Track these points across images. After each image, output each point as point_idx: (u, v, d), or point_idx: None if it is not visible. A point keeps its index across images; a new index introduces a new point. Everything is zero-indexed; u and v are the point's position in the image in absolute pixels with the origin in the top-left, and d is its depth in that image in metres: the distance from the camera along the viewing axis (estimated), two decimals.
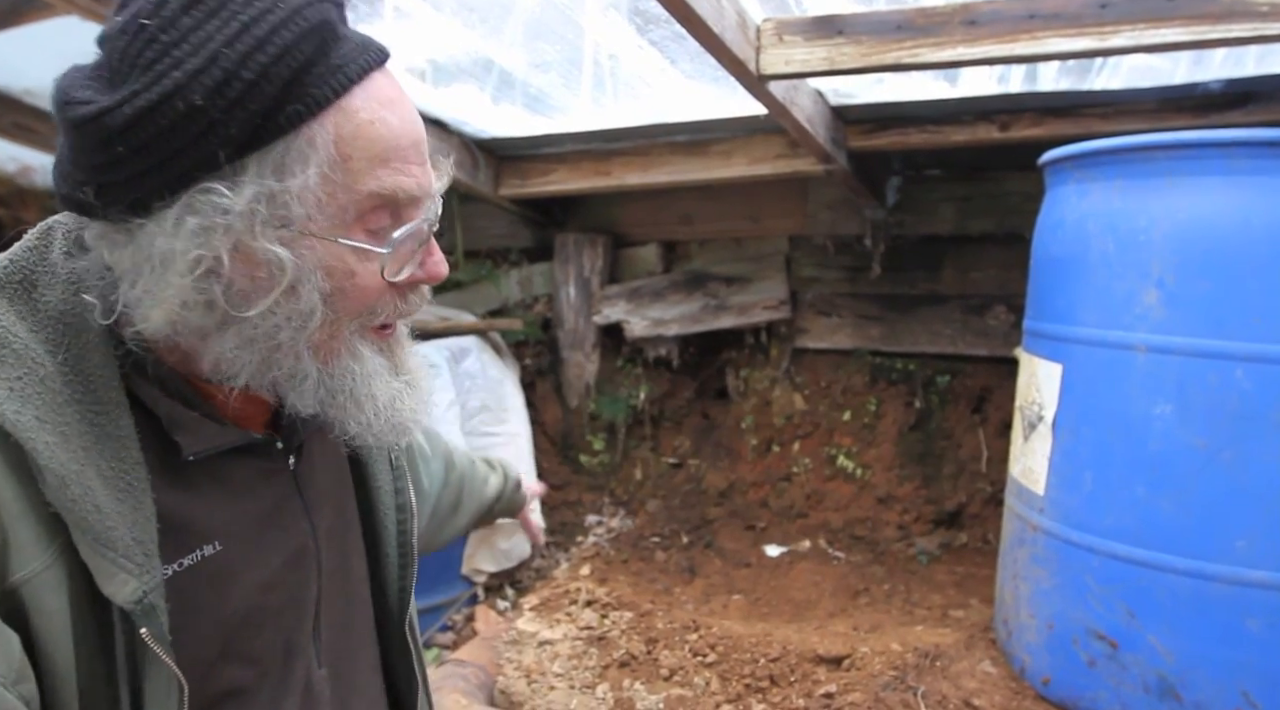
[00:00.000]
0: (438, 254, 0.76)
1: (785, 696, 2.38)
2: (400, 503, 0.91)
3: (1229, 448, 1.96)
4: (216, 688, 0.74)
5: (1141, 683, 2.10)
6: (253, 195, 0.64)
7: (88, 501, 0.63)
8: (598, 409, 4.13)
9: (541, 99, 3.14)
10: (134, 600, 0.64)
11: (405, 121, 0.70)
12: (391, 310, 0.75)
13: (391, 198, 0.69)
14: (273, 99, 0.63)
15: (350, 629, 0.88)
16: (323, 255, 0.68)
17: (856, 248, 3.72)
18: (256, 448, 0.79)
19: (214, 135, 0.63)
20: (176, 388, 0.72)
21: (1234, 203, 1.97)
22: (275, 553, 0.79)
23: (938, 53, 2.12)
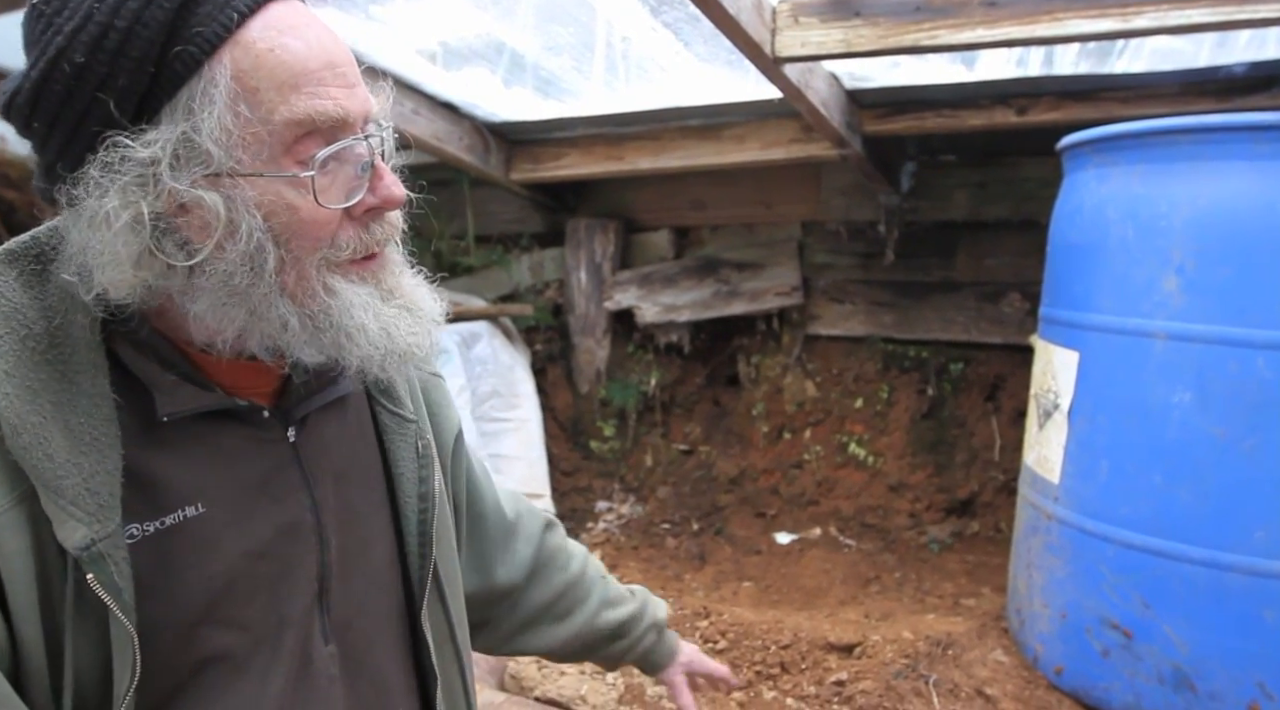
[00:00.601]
0: (388, 177, 0.73)
1: (796, 684, 2.38)
2: (423, 492, 0.90)
3: (1249, 437, 1.93)
4: (203, 649, 0.75)
5: (1156, 673, 2.08)
6: (163, 143, 0.65)
7: (39, 450, 0.66)
8: (608, 395, 4.12)
9: (553, 82, 3.12)
10: (81, 546, 0.66)
11: (312, 45, 0.68)
12: (357, 242, 0.73)
13: (309, 122, 0.67)
14: (155, 44, 0.64)
15: (369, 612, 0.87)
16: (254, 193, 0.67)
17: (870, 234, 3.69)
18: (245, 415, 0.78)
19: (106, 89, 0.64)
20: (163, 353, 0.74)
21: (1257, 187, 1.93)
22: (266, 522, 0.78)
23: (957, 35, 2.09)
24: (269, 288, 0.69)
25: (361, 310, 0.73)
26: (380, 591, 0.89)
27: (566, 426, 4.17)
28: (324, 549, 0.82)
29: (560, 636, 1.22)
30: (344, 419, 0.87)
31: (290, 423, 0.81)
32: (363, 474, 0.88)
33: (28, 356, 0.68)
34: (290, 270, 0.70)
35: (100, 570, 0.67)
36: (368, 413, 0.90)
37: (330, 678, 0.83)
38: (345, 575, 0.85)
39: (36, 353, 0.69)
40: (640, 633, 1.29)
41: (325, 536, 0.83)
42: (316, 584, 0.82)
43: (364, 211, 0.73)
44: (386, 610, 0.89)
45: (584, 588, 1.24)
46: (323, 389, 0.83)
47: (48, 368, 0.69)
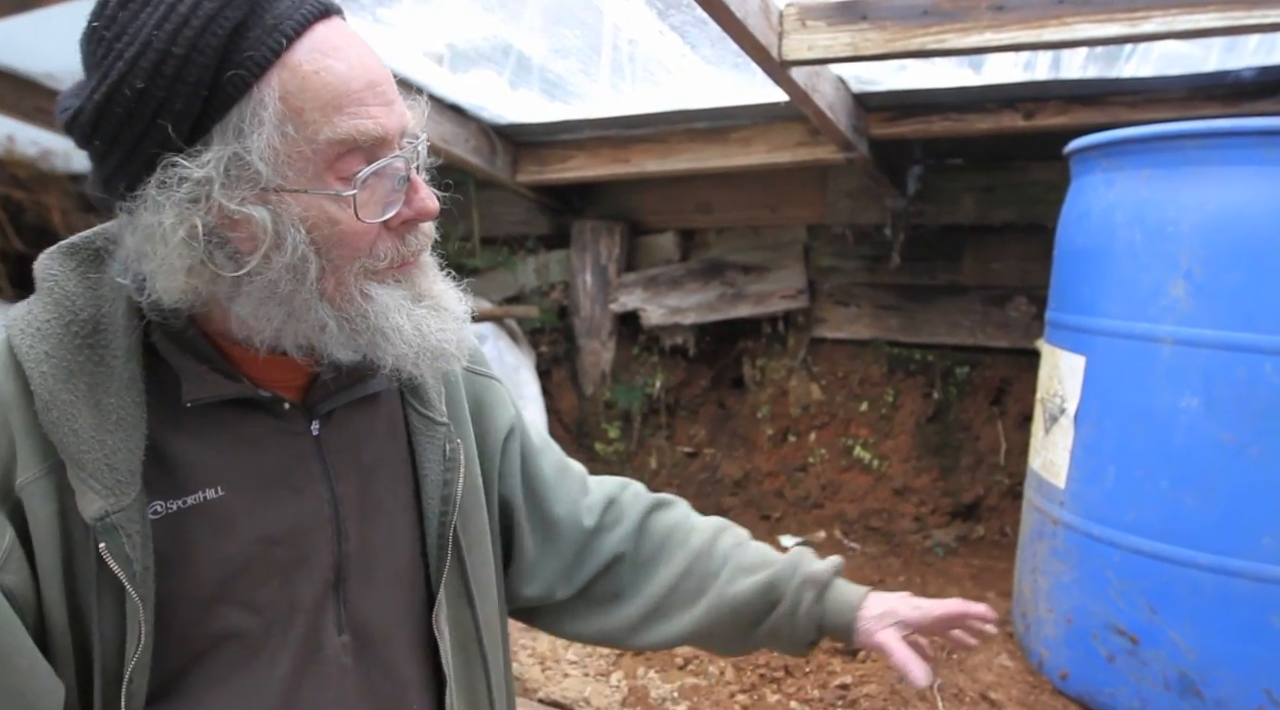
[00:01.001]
0: (423, 190, 0.77)
1: (800, 687, 2.38)
2: (445, 494, 0.91)
3: (1256, 442, 1.93)
4: (217, 626, 0.78)
5: (1162, 679, 2.08)
6: (215, 163, 0.69)
7: (66, 425, 0.72)
8: (613, 397, 4.12)
9: (560, 84, 3.12)
10: (96, 517, 0.71)
11: (354, 66, 0.73)
12: (394, 252, 0.77)
13: (352, 142, 0.72)
14: (210, 69, 0.68)
15: (388, 607, 0.89)
16: (299, 208, 0.72)
17: (876, 237, 3.68)
18: (268, 406, 0.82)
19: (164, 113, 0.68)
20: (197, 345, 0.78)
21: (1266, 193, 1.93)
22: (283, 510, 0.81)
23: (964, 38, 2.09)
24: (310, 294, 0.74)
25: (396, 312, 0.77)
26: (401, 588, 0.90)
27: (571, 428, 4.17)
28: (342, 541, 0.85)
29: (694, 621, 1.05)
30: (374, 417, 0.90)
31: (314, 416, 0.84)
32: (391, 472, 0.90)
33: (70, 340, 0.75)
34: (330, 277, 0.75)
35: (112, 541, 0.72)
36: (400, 413, 0.92)
37: (342, 667, 0.85)
38: (366, 569, 0.87)
39: (79, 337, 0.75)
40: (792, 594, 1.04)
41: (344, 529, 0.85)
42: (332, 573, 0.84)
43: (400, 223, 0.77)
44: (407, 608, 0.91)
45: (714, 560, 1.07)
46: (350, 386, 0.86)
47: (88, 351, 0.75)
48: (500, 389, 1.05)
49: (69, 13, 2.70)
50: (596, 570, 1.08)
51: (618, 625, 1.09)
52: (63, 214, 4.80)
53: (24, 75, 3.40)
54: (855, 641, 1.04)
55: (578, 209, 4.17)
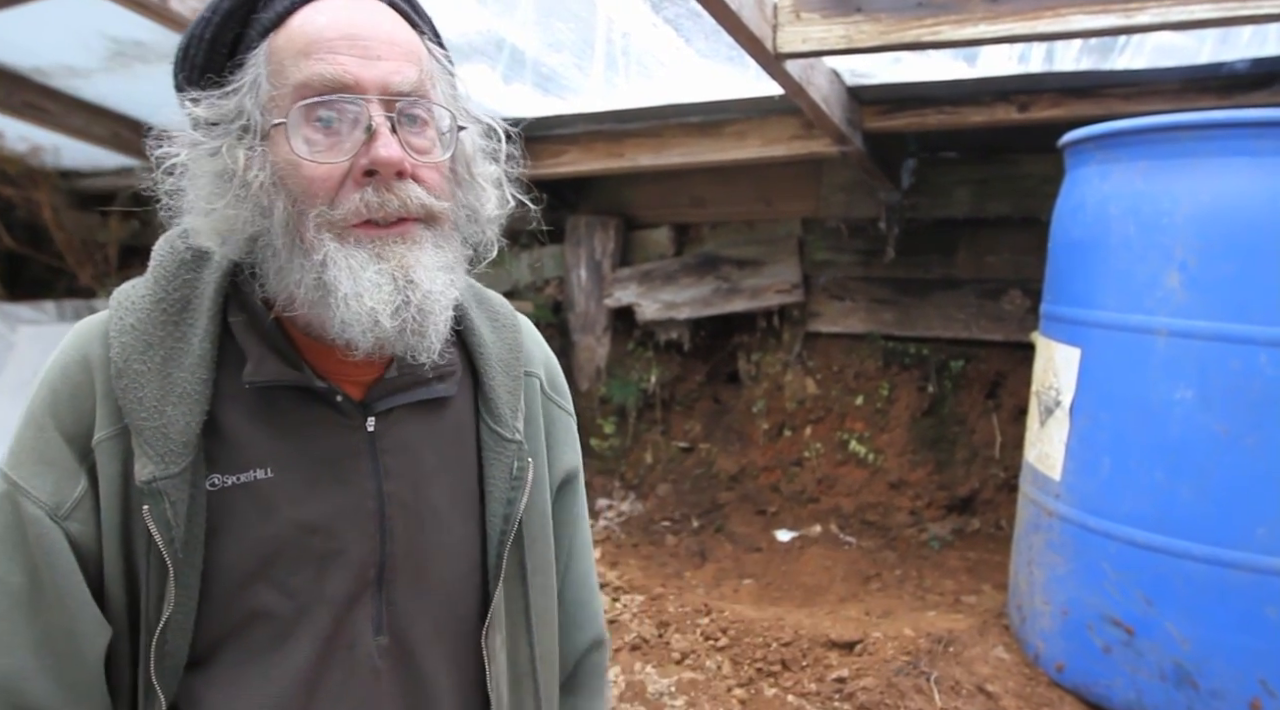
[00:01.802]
0: (383, 138, 0.76)
1: (797, 680, 2.38)
2: (507, 513, 0.90)
3: (1251, 433, 1.93)
4: (252, 603, 0.80)
5: (1158, 670, 2.08)
6: (224, 111, 0.78)
7: (133, 393, 0.77)
8: (608, 392, 4.12)
9: (553, 79, 3.11)
10: (144, 480, 0.75)
11: (338, 20, 0.77)
12: (357, 206, 0.76)
13: (310, 83, 0.75)
14: (226, 28, 0.78)
15: (434, 619, 0.87)
16: (271, 152, 0.77)
17: (870, 231, 3.68)
18: (324, 396, 0.83)
19: (194, 68, 0.79)
20: (268, 332, 0.82)
21: (1260, 184, 1.93)
22: (326, 499, 0.82)
23: (959, 30, 2.08)
24: (287, 240, 0.77)
25: (344, 271, 0.76)
26: (452, 602, 0.89)
27: None
28: (386, 540, 0.84)
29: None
30: (440, 423, 0.89)
31: (370, 413, 0.85)
32: (452, 480, 0.89)
33: (158, 316, 0.81)
34: (300, 226, 0.77)
35: (155, 505, 0.76)
36: (472, 425, 0.92)
37: (375, 670, 0.84)
38: (415, 573, 0.86)
39: (166, 314, 0.81)
40: None
41: (389, 528, 0.84)
42: (373, 571, 0.84)
43: (362, 174, 0.77)
44: (457, 623, 0.89)
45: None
46: (412, 388, 0.87)
47: (171, 327, 0.81)
48: (573, 426, 1.04)
49: (58, 9, 2.68)
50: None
51: None
52: (53, 211, 4.77)
53: (12, 70, 3.37)
54: None
55: (572, 204, 4.15)
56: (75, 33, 2.97)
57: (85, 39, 3.01)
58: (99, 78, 3.39)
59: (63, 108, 3.61)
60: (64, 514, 0.77)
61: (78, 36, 3.00)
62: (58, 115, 3.62)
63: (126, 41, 2.98)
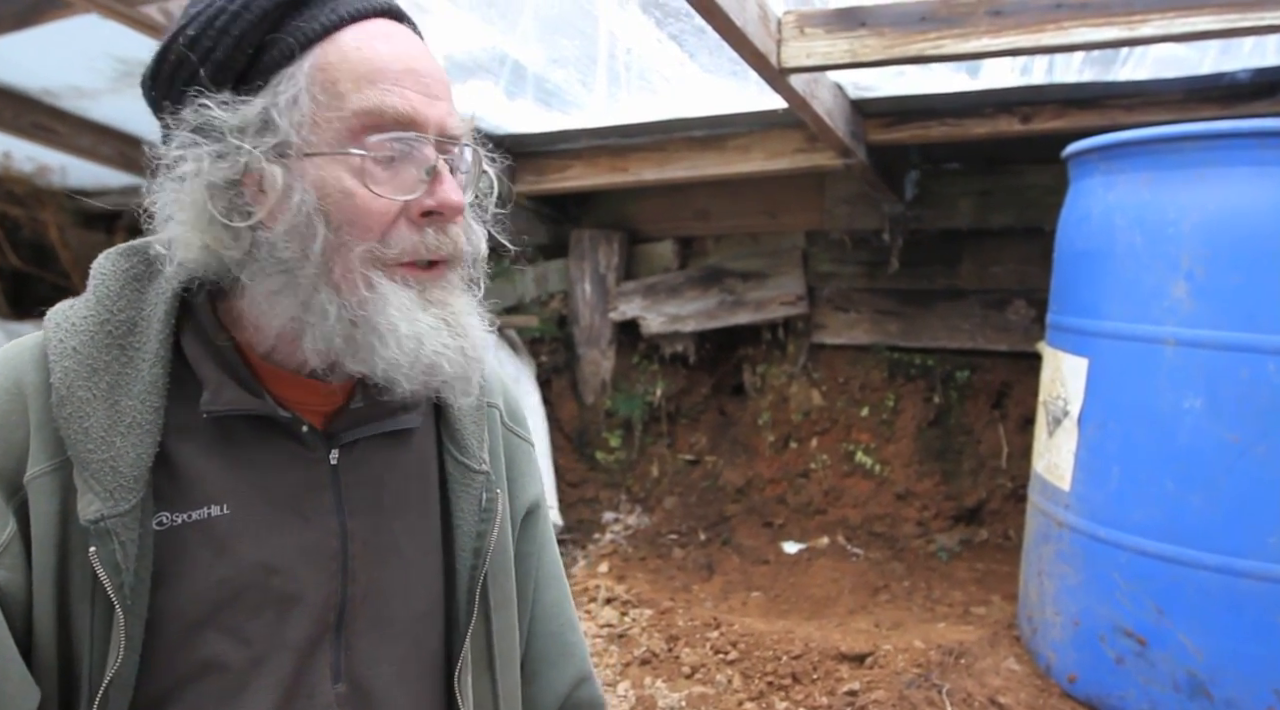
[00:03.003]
0: (448, 182, 0.75)
1: (808, 694, 2.37)
2: (478, 547, 0.85)
3: (1261, 442, 1.93)
4: (204, 652, 0.74)
5: (1171, 680, 2.07)
6: (246, 116, 0.71)
7: (77, 423, 0.70)
8: (614, 406, 4.12)
9: (557, 94, 3.13)
10: (91, 519, 0.69)
11: (399, 52, 0.73)
12: (409, 245, 0.74)
13: (377, 112, 0.71)
14: (258, 28, 0.71)
15: (396, 661, 0.82)
16: (316, 173, 0.71)
17: (874, 243, 3.69)
18: (286, 427, 0.78)
19: (208, 62, 0.71)
20: (226, 355, 0.77)
21: (1265, 193, 1.94)
22: (286, 538, 0.77)
23: (962, 44, 2.09)
24: (315, 270, 0.72)
25: (396, 311, 0.73)
26: (413, 642, 0.84)
27: (572, 438, 4.16)
28: (348, 580, 0.79)
29: None
30: (403, 455, 0.85)
31: (334, 445, 0.80)
32: (416, 516, 0.85)
33: (102, 339, 0.74)
34: (337, 258, 0.72)
35: (103, 546, 0.69)
36: (434, 458, 0.87)
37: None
38: (373, 615, 0.81)
39: (111, 336, 0.75)
40: None
41: (351, 568, 0.79)
42: (332, 615, 0.79)
43: (420, 214, 0.74)
44: (418, 665, 0.84)
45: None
46: (378, 419, 0.82)
47: (117, 351, 0.74)
48: (534, 455, 1.00)
49: (66, 30, 2.70)
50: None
51: None
52: (60, 231, 4.79)
53: (21, 92, 3.39)
54: None
55: (576, 218, 4.17)
56: (83, 54, 2.99)
57: (92, 60, 3.04)
58: (106, 98, 3.41)
59: (71, 128, 3.64)
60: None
61: (85, 58, 3.02)
62: (66, 136, 3.64)
63: (133, 62, 3.01)
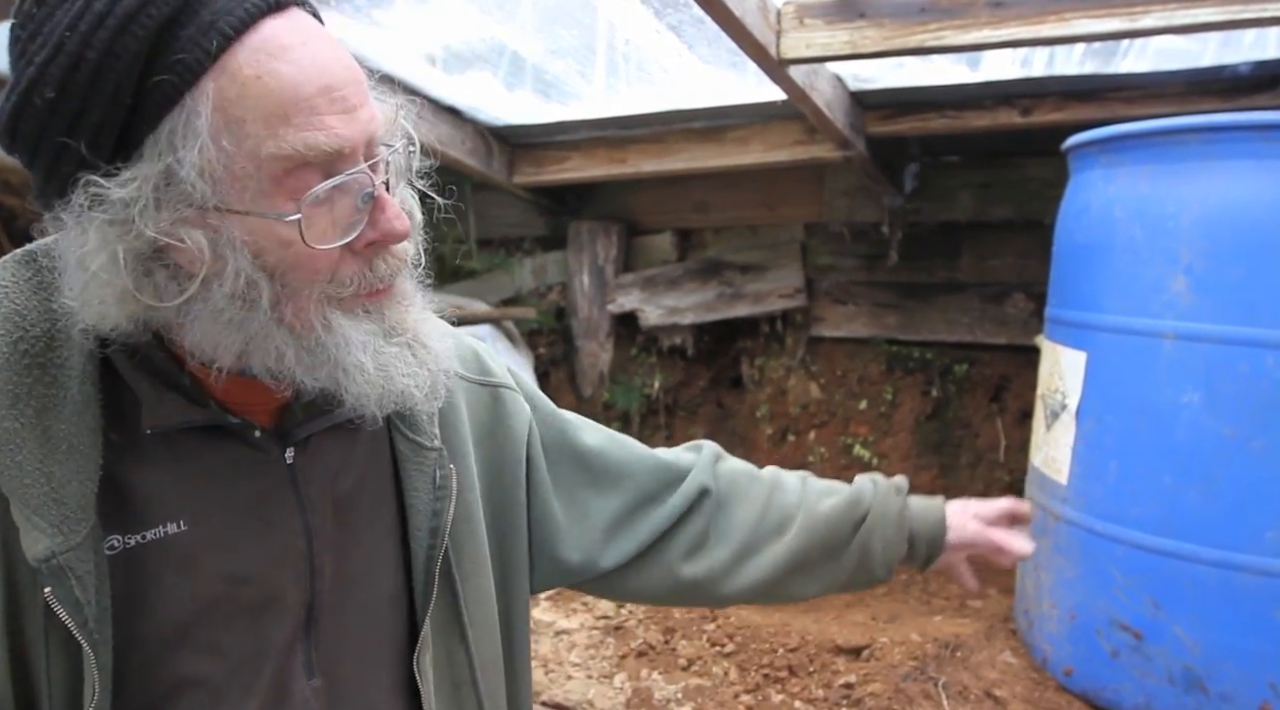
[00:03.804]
0: (391, 209, 0.68)
1: (804, 686, 2.37)
2: (434, 526, 0.83)
3: (1259, 436, 1.93)
4: (178, 673, 0.72)
5: (1167, 674, 2.07)
6: (142, 181, 0.61)
7: (7, 456, 0.65)
8: (612, 398, 4.12)
9: (556, 85, 3.11)
10: (41, 558, 0.64)
11: (305, 68, 0.62)
12: (360, 279, 0.69)
13: (299, 157, 0.62)
14: (132, 75, 0.59)
15: (364, 647, 0.82)
16: (241, 231, 0.63)
17: (873, 235, 3.68)
18: (238, 433, 0.74)
19: (79, 127, 0.60)
20: (158, 365, 0.71)
21: (1265, 187, 1.93)
22: (254, 545, 0.74)
23: (962, 35, 2.08)
24: (265, 320, 0.66)
25: (359, 349, 0.69)
26: (378, 626, 0.83)
27: None
28: (315, 578, 0.78)
29: (786, 551, 1.02)
30: (353, 443, 0.82)
31: (288, 444, 0.77)
32: (371, 502, 0.83)
33: (17, 360, 0.67)
34: (288, 303, 0.67)
35: (60, 584, 0.65)
36: (385, 438, 0.84)
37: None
38: (338, 607, 0.80)
39: (29, 356, 0.68)
40: (879, 504, 1.05)
41: (318, 565, 0.78)
42: (304, 613, 0.78)
43: (365, 246, 0.68)
44: (386, 647, 0.84)
45: (788, 492, 1.07)
46: (328, 411, 0.78)
47: (38, 371, 0.67)
48: (512, 395, 0.96)
49: None
50: (684, 506, 1.02)
51: (711, 570, 1.03)
52: None
53: None
54: (948, 540, 1.08)
55: (574, 210, 4.16)
56: None
57: None
58: None
59: None
60: None
61: None
62: None
63: None
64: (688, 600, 1.06)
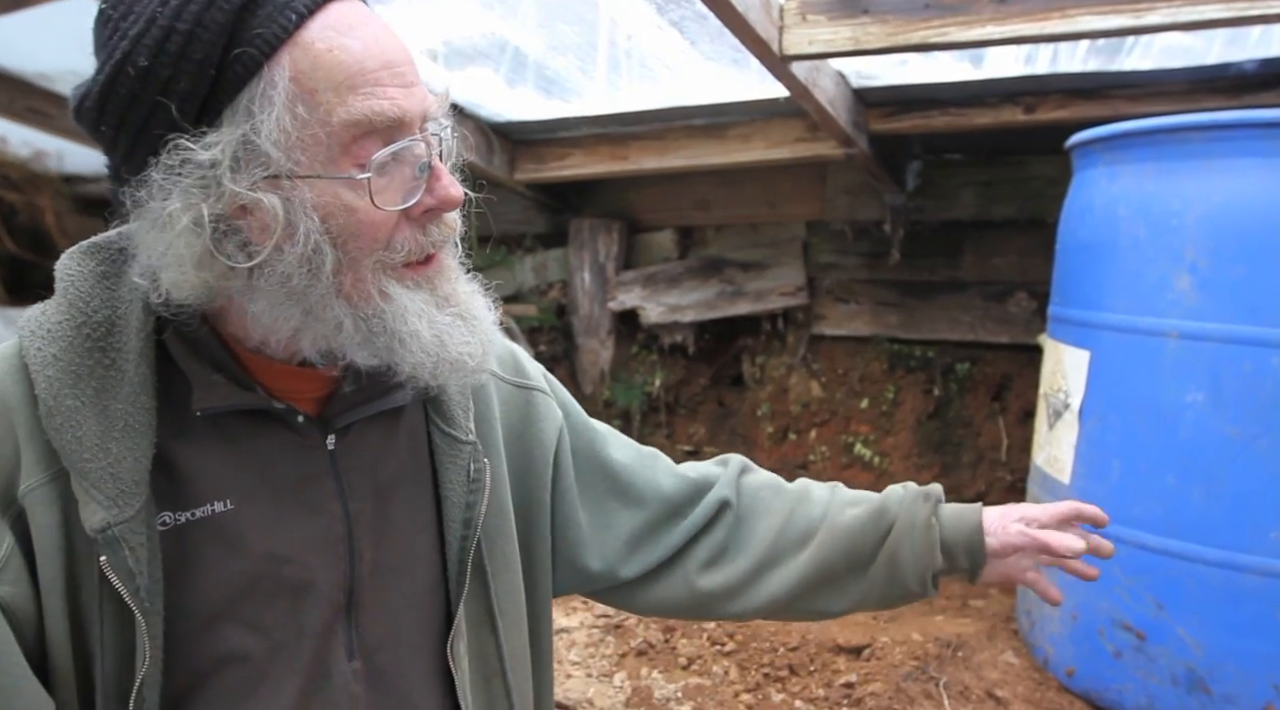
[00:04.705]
0: (445, 176, 0.74)
1: (805, 686, 2.36)
2: (467, 517, 0.86)
3: (1264, 436, 1.91)
4: (222, 647, 0.75)
5: (1169, 674, 2.06)
6: (224, 146, 0.66)
7: (69, 432, 0.69)
8: (613, 396, 4.11)
9: (557, 82, 3.10)
10: (98, 528, 0.68)
11: (370, 45, 0.69)
12: (413, 245, 0.73)
13: (366, 123, 0.68)
14: (217, 46, 0.65)
15: (403, 633, 0.85)
16: (312, 195, 0.68)
17: (875, 233, 3.67)
18: (283, 418, 0.78)
19: (169, 92, 0.65)
20: (211, 350, 0.75)
21: (1271, 185, 1.92)
22: (295, 527, 0.78)
23: (966, 32, 2.07)
24: (326, 289, 0.70)
25: (416, 317, 0.73)
26: (416, 613, 0.86)
27: None
28: (354, 562, 0.81)
29: (808, 563, 0.99)
30: (394, 433, 0.86)
31: (330, 431, 0.80)
32: (409, 491, 0.86)
33: (81, 343, 0.72)
34: (347, 272, 0.71)
35: (114, 553, 0.69)
36: (423, 430, 0.88)
37: (353, 696, 0.81)
38: (379, 592, 0.83)
39: (90, 339, 0.72)
40: (906, 512, 0.99)
41: (357, 549, 0.81)
42: (343, 596, 0.80)
43: (421, 212, 0.73)
44: (424, 635, 0.86)
45: (814, 503, 1.03)
46: (370, 400, 0.82)
47: (99, 354, 0.72)
48: (544, 399, 0.99)
49: (61, 13, 2.68)
50: (704, 520, 1.02)
51: (729, 582, 1.01)
52: (56, 216, 4.77)
53: (16, 75, 3.37)
54: (988, 547, 0.98)
55: (575, 207, 4.15)
56: (77, 37, 2.96)
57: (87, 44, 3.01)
58: None
59: (66, 113, 3.60)
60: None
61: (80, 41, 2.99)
62: (61, 120, 3.61)
63: None
64: (707, 612, 1.04)
